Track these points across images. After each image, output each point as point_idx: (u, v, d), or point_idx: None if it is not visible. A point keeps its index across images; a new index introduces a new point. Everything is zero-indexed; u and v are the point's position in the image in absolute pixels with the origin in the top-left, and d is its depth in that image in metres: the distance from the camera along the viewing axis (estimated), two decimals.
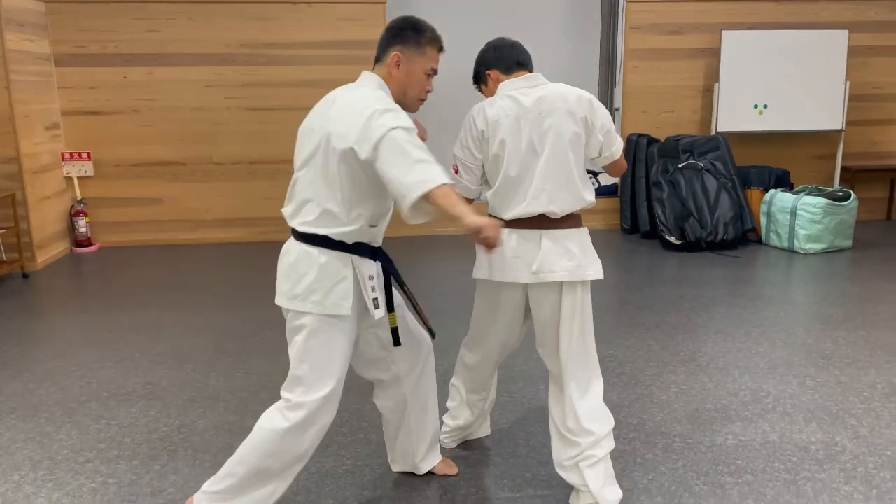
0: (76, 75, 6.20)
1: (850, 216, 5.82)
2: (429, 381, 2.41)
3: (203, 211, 6.51)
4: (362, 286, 2.05)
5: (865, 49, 6.79)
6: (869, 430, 2.81)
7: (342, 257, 2.02)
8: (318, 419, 2.04)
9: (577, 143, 2.20)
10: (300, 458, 2.08)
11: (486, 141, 2.22)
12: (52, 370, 3.55)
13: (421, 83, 2.10)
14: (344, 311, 2.01)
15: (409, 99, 2.11)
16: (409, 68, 2.07)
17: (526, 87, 2.23)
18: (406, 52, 2.06)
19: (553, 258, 2.17)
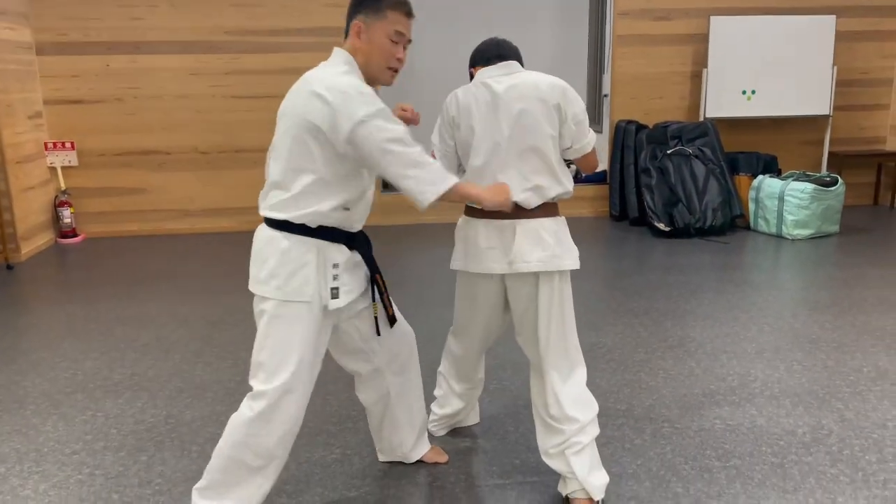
0: (58, 64, 6.12)
1: (838, 201, 5.85)
2: (412, 374, 2.38)
3: (188, 200, 6.46)
4: (323, 273, 1.98)
5: (853, 34, 6.79)
6: (855, 413, 2.83)
7: (305, 242, 1.97)
8: (281, 408, 1.97)
9: (547, 130, 2.16)
10: (273, 453, 2.00)
11: (456, 127, 2.21)
12: (38, 362, 3.52)
13: (385, 51, 1.98)
14: (304, 297, 1.96)
15: (377, 69, 2.00)
16: (371, 36, 1.97)
17: (500, 74, 2.20)
18: (367, 19, 1.97)
19: (527, 248, 2.15)
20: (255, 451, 1.99)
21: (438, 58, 7.71)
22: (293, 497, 2.33)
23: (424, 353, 3.46)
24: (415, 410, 2.43)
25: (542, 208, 2.19)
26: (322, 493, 2.36)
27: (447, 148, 2.27)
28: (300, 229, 1.96)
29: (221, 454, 2.01)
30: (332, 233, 2.00)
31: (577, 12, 7.93)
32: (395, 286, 4.63)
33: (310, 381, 2.04)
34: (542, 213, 2.19)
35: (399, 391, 2.34)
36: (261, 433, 1.97)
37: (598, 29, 7.46)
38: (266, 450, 1.99)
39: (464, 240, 2.28)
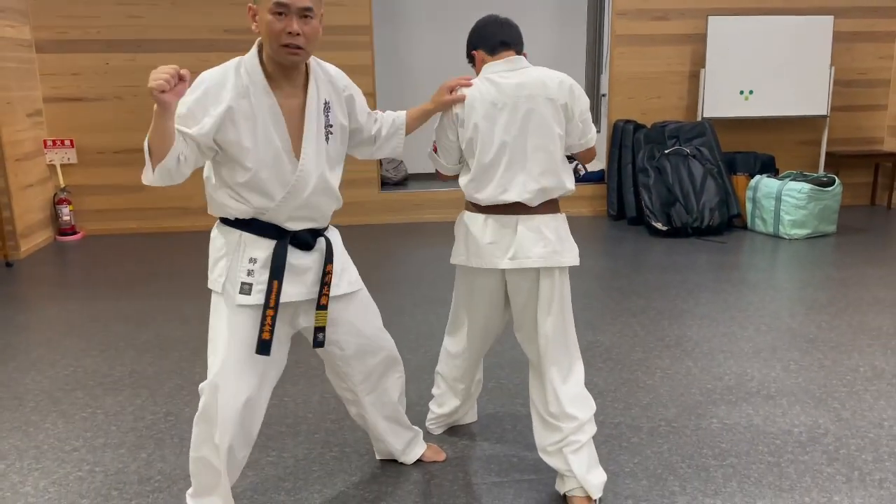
0: (58, 61, 6.12)
1: (835, 201, 5.87)
2: (389, 394, 2.31)
3: (187, 198, 6.46)
4: (236, 266, 1.93)
5: (850, 35, 6.81)
6: (851, 412, 2.85)
7: (227, 233, 1.97)
8: (215, 405, 1.89)
9: (555, 130, 2.18)
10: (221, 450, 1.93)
11: (460, 124, 2.20)
12: (37, 359, 3.53)
13: (273, 29, 1.80)
14: (216, 287, 1.96)
15: (273, 51, 1.85)
16: (260, 17, 1.84)
17: (507, 70, 2.20)
18: (255, 2, 1.86)
19: (528, 244, 2.17)
20: (205, 448, 1.96)
21: (435, 56, 7.72)
22: (291, 494, 2.35)
23: (423, 350, 3.49)
24: (395, 423, 2.40)
25: (545, 205, 2.21)
26: (321, 490, 2.37)
27: (450, 143, 2.26)
28: (227, 221, 1.98)
29: (191, 457, 2.02)
30: (259, 226, 1.94)
31: (576, 12, 7.94)
32: (394, 284, 4.66)
33: (243, 374, 1.93)
34: (543, 210, 2.21)
35: (373, 410, 2.31)
36: (205, 429, 1.95)
37: (596, 29, 7.47)
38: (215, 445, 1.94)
39: (465, 235, 2.28)
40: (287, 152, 1.92)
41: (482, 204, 2.21)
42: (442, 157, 2.31)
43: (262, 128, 1.87)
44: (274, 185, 1.91)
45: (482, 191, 2.20)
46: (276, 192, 1.92)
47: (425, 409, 2.77)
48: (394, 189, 7.04)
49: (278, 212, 1.94)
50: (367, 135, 2.21)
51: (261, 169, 1.89)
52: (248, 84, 1.87)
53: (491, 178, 2.18)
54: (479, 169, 2.19)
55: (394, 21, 7.86)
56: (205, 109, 1.83)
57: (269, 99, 1.89)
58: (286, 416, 2.89)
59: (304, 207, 1.97)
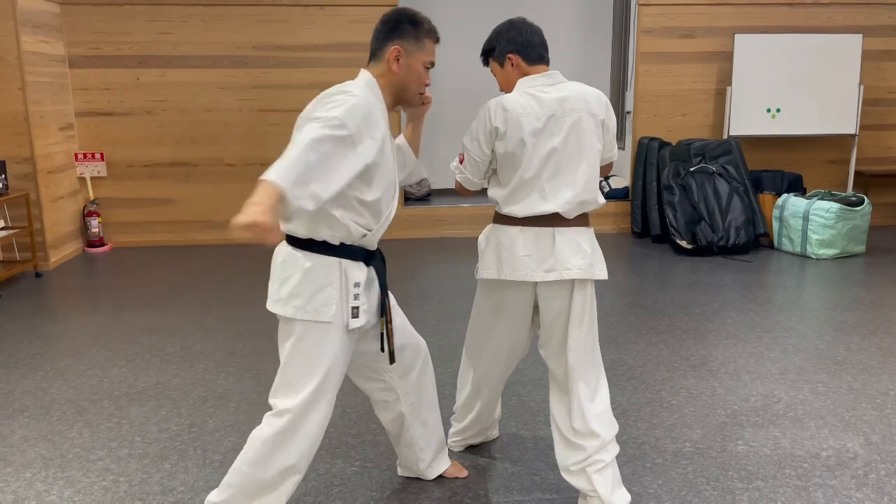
0: (90, 76, 6.25)
1: (864, 221, 5.78)
2: (427, 392, 2.35)
3: (214, 212, 6.54)
4: (345, 293, 1.98)
5: (879, 53, 6.74)
6: (881, 437, 2.79)
7: (328, 261, 1.96)
8: (302, 427, 1.97)
9: (596, 144, 2.20)
10: (292, 470, 1.99)
11: (500, 137, 2.17)
12: (64, 369, 3.58)
13: (420, 76, 2.06)
14: (325, 317, 1.95)
15: (411, 93, 2.08)
16: (409, 62, 2.02)
17: (546, 84, 2.20)
18: (405, 45, 2.00)
19: (567, 256, 2.16)
20: (274, 468, 1.98)
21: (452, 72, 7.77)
22: None
23: (445, 366, 3.48)
24: (431, 427, 2.41)
25: (579, 218, 2.21)
26: None
27: (483, 157, 2.23)
28: (322, 247, 1.96)
29: (240, 471, 2.00)
30: (352, 251, 2.00)
31: (601, 29, 7.95)
32: (417, 299, 4.66)
33: (332, 399, 2.03)
34: (578, 223, 2.21)
35: (412, 409, 2.32)
36: (282, 450, 1.97)
37: (621, 46, 7.47)
38: (285, 465, 1.98)
39: (496, 247, 2.24)
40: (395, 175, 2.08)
41: (518, 216, 2.19)
42: (469, 170, 2.28)
43: (385, 148, 1.97)
44: (385, 205, 2.03)
45: (520, 203, 2.18)
46: (384, 214, 2.03)
47: (447, 425, 2.76)
48: (417, 204, 7.07)
49: (377, 234, 2.04)
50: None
51: (383, 187, 1.98)
52: (378, 106, 1.97)
53: (531, 191, 2.17)
54: (519, 183, 2.18)
55: None
56: (369, 131, 1.89)
57: (385, 123, 2.00)
58: None
59: (386, 226, 2.09)
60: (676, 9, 6.60)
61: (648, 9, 6.61)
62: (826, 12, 6.64)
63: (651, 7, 6.60)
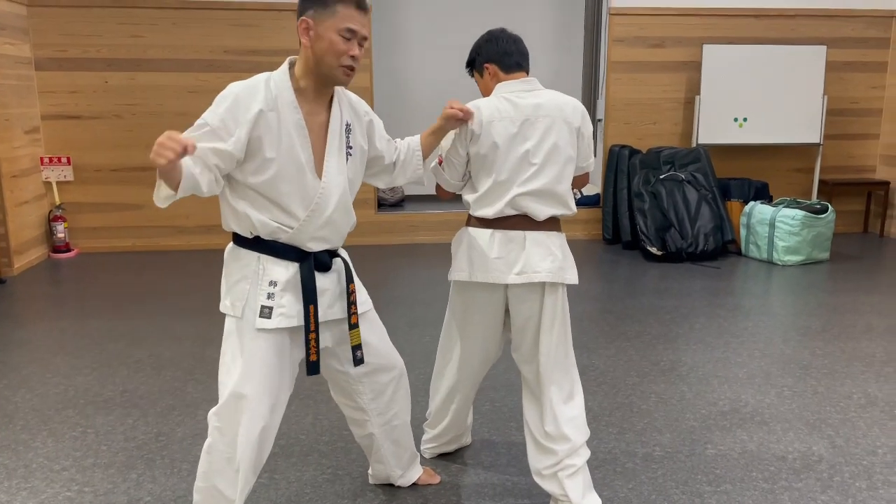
0: (57, 79, 6.14)
1: (828, 229, 5.90)
2: (400, 414, 2.30)
3: (183, 217, 6.45)
4: (255, 289, 1.90)
5: (842, 64, 6.90)
6: (845, 439, 2.84)
7: (247, 255, 1.93)
8: (233, 430, 1.89)
9: (570, 151, 2.22)
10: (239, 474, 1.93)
11: (474, 140, 2.20)
12: (28, 377, 3.50)
13: (336, 48, 1.84)
14: (236, 312, 1.90)
15: (329, 68, 1.87)
16: (318, 32, 1.84)
17: (523, 90, 2.23)
18: (315, 15, 1.84)
19: (537, 259, 2.18)
20: (223, 477, 1.93)
21: (433, 78, 7.79)
22: None
23: (418, 372, 3.48)
24: (402, 445, 2.38)
25: (549, 222, 2.23)
26: None
27: (459, 159, 2.25)
28: (241, 241, 1.95)
29: (197, 489, 1.98)
30: (276, 247, 1.92)
31: (573, 38, 8.03)
32: (389, 305, 4.65)
33: (263, 399, 1.91)
34: (549, 227, 2.23)
35: (383, 430, 2.29)
36: (217, 459, 1.93)
37: (592, 55, 7.55)
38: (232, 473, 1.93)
39: (468, 249, 2.26)
40: (311, 170, 1.92)
41: (489, 217, 2.21)
42: (447, 172, 2.30)
43: (287, 141, 1.88)
44: (296, 201, 1.91)
45: (492, 205, 2.20)
46: (299, 211, 1.92)
47: (419, 431, 2.75)
48: (390, 210, 7.06)
49: (301, 232, 1.93)
50: (388, 161, 2.21)
51: (281, 182, 1.88)
52: (276, 97, 1.88)
53: (503, 194, 2.19)
54: (492, 185, 2.19)
55: (392, 44, 7.93)
56: (236, 119, 1.83)
57: (296, 114, 1.90)
58: (279, 437, 2.85)
59: (326, 227, 1.97)
60: (647, 19, 6.70)
61: (619, 18, 6.69)
62: (791, 24, 6.79)
63: (622, 17, 6.69)
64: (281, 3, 6.25)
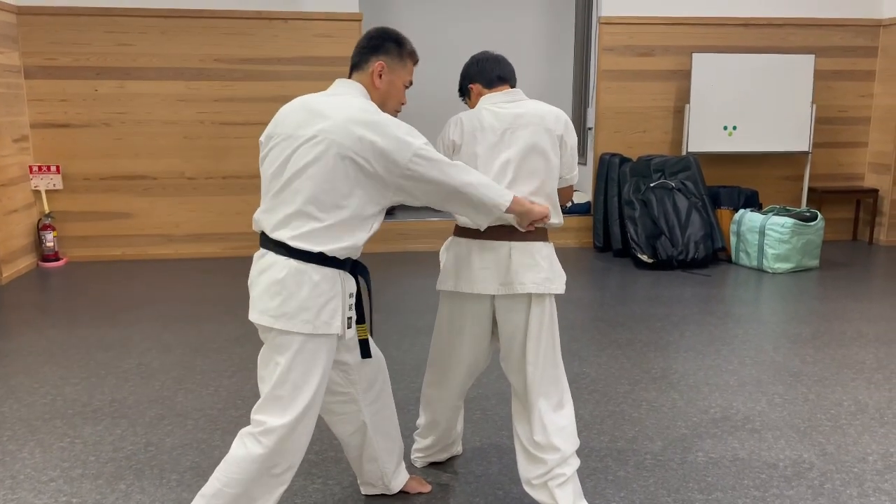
0: (46, 87, 6.12)
1: (817, 236, 5.93)
2: (386, 401, 2.35)
3: (174, 226, 6.43)
4: (344, 304, 2.00)
5: (831, 73, 6.96)
6: (836, 447, 2.85)
7: (332, 274, 1.96)
8: (293, 440, 1.96)
9: (552, 159, 2.22)
10: (279, 482, 1.99)
11: (456, 151, 2.22)
12: (16, 387, 3.47)
13: (400, 94, 2.13)
14: (334, 329, 1.95)
15: (388, 109, 2.09)
16: (392, 79, 2.08)
17: (505, 101, 2.24)
18: (389, 62, 2.07)
19: (522, 270, 2.18)
20: (264, 485, 1.96)
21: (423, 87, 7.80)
22: None
23: (409, 381, 3.47)
24: (392, 437, 2.40)
25: (536, 232, 2.22)
26: None
27: None
28: (332, 262, 1.96)
29: (223, 494, 1.95)
30: (345, 262, 2.02)
31: (563, 47, 8.07)
32: (380, 314, 4.64)
33: (319, 407, 2.04)
34: (535, 237, 2.22)
35: (375, 419, 2.31)
36: (274, 467, 1.96)
37: (582, 64, 7.58)
38: (275, 482, 1.98)
39: (454, 260, 2.26)
40: None
41: (474, 228, 2.21)
42: None
43: None
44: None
45: None
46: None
47: (409, 440, 2.75)
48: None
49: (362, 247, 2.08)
50: None
51: None
52: None
53: None
54: None
55: None
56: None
57: None
58: None
59: None
60: (636, 28, 6.74)
61: (609, 27, 6.73)
62: (780, 33, 6.84)
63: (612, 25, 6.73)
64: (271, 11, 6.25)
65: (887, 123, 6.97)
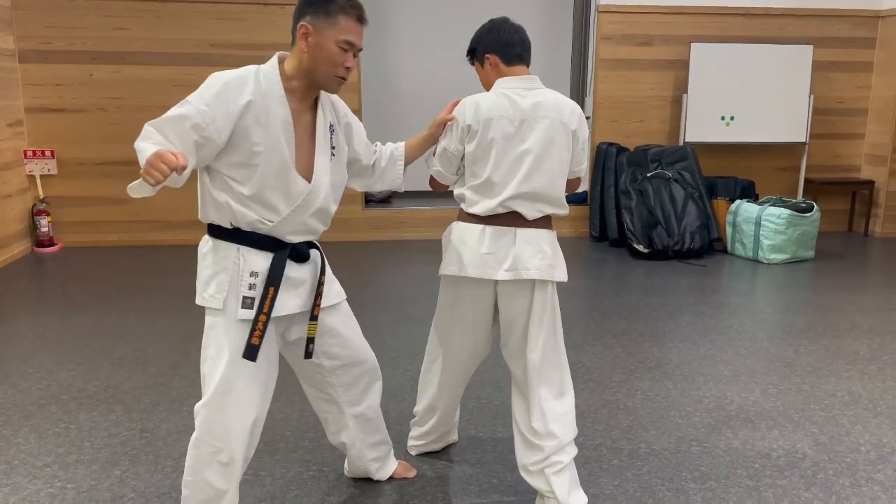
0: (41, 72, 6.07)
1: (813, 227, 5.94)
2: (371, 403, 2.30)
3: (169, 212, 6.41)
4: (237, 280, 1.89)
5: (829, 64, 6.95)
6: (829, 437, 2.86)
7: (225, 246, 1.91)
8: (225, 423, 1.89)
9: (565, 153, 2.21)
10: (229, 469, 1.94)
11: (471, 136, 2.18)
12: (10, 372, 3.47)
13: (333, 57, 1.87)
14: (216, 304, 1.89)
15: (323, 76, 1.90)
16: (318, 40, 1.86)
17: (524, 87, 2.21)
18: (315, 22, 1.85)
19: (527, 256, 2.17)
20: (211, 470, 1.93)
21: (421, 75, 7.78)
22: None
23: (404, 369, 3.47)
24: (377, 437, 2.39)
25: (541, 220, 2.23)
26: None
27: (455, 152, 2.23)
28: (219, 232, 1.93)
29: (185, 483, 1.97)
30: (255, 238, 1.91)
31: (561, 35, 8.03)
32: (376, 302, 4.64)
33: (251, 390, 1.92)
34: (540, 225, 2.22)
35: (359, 421, 2.29)
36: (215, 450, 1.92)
37: (581, 52, 7.55)
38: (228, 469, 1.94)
39: (458, 244, 2.24)
40: (292, 166, 1.91)
41: (481, 214, 2.20)
42: (441, 164, 2.28)
43: (273, 135, 1.87)
44: (277, 196, 1.91)
45: (484, 202, 2.19)
46: (281, 205, 1.91)
47: (405, 428, 2.75)
48: (378, 206, 7.03)
49: (282, 226, 1.93)
50: (365, 164, 2.23)
51: (264, 175, 1.88)
52: (266, 91, 1.88)
53: (497, 194, 2.17)
54: (485, 183, 2.18)
55: (380, 40, 7.90)
56: (225, 107, 1.82)
57: (283, 109, 1.89)
58: (264, 433, 2.82)
59: (306, 223, 1.98)
60: (635, 17, 6.71)
61: (608, 16, 6.70)
62: (778, 23, 6.82)
63: (610, 14, 6.70)
64: None
65: (884, 115, 6.96)
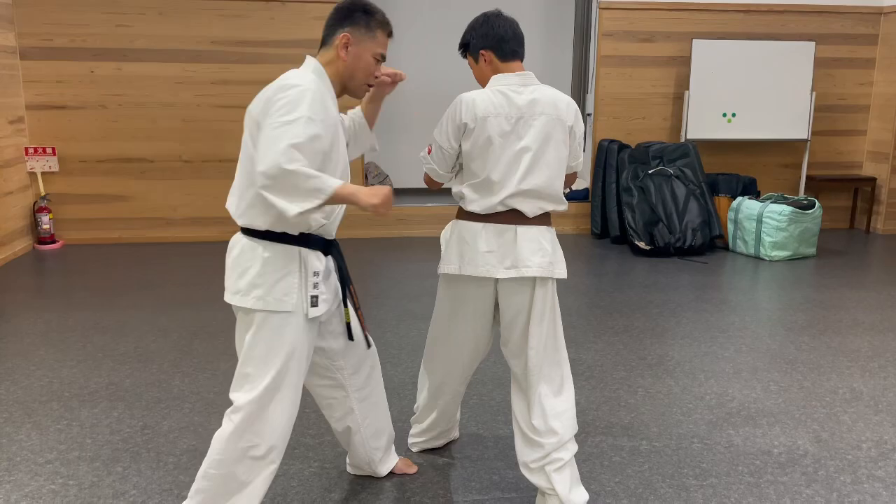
0: (42, 69, 6.07)
1: (815, 224, 5.94)
2: (376, 390, 2.35)
3: (171, 209, 6.41)
4: (304, 281, 1.96)
5: (831, 60, 6.93)
6: (830, 434, 2.86)
7: (287, 250, 1.95)
8: (265, 417, 1.94)
9: (562, 149, 2.21)
10: (262, 462, 1.97)
11: (467, 134, 2.17)
12: (12, 369, 3.47)
13: (369, 67, 2.05)
14: (286, 306, 1.93)
15: (356, 83, 2.05)
16: (358, 51, 2.01)
17: (520, 84, 2.20)
18: (355, 34, 2.00)
19: (528, 254, 2.17)
20: (242, 464, 1.95)
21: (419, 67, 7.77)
22: None
23: (405, 366, 3.47)
24: (381, 424, 2.40)
25: (540, 217, 2.22)
26: None
27: (450, 150, 2.22)
28: (283, 237, 1.95)
29: (206, 475, 1.96)
30: (311, 240, 1.99)
31: (563, 32, 8.02)
32: (377, 298, 4.64)
33: (297, 388, 2.01)
34: (540, 222, 2.22)
35: (363, 406, 2.31)
36: (246, 445, 1.94)
37: (582, 49, 7.54)
38: (253, 460, 1.96)
39: (457, 243, 2.24)
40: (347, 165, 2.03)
41: (480, 212, 2.20)
42: (436, 162, 2.27)
43: (332, 137, 1.95)
44: None
45: (484, 200, 2.18)
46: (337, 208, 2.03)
47: (406, 425, 2.76)
48: None
49: (333, 224, 2.04)
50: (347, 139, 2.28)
51: (339, 176, 1.96)
52: (325, 96, 1.96)
53: (497, 189, 2.17)
54: (484, 181, 2.18)
55: None
56: (322, 119, 1.88)
57: (336, 112, 2.00)
58: None
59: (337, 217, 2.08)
60: (636, 13, 6.70)
61: (609, 13, 6.69)
62: (780, 20, 6.81)
63: (612, 11, 6.68)
64: None
65: (886, 112, 6.95)
